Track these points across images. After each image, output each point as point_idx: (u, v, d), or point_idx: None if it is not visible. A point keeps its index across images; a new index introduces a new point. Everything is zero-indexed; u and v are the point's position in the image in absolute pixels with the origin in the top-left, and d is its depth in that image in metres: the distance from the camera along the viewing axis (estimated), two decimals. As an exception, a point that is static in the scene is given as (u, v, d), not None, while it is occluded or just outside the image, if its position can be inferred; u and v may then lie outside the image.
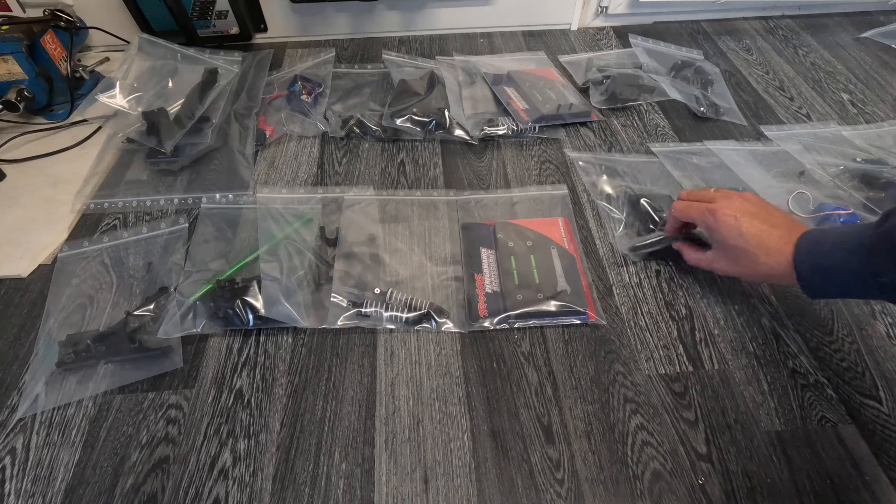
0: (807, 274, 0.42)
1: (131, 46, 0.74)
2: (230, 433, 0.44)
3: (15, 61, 0.67)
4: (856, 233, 0.40)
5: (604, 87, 0.77)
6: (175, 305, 0.50)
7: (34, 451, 0.43)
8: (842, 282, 0.41)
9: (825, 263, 0.41)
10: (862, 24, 0.96)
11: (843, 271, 0.40)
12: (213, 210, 0.61)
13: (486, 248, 0.56)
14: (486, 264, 0.55)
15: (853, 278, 0.40)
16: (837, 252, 0.41)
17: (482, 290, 0.52)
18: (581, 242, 0.58)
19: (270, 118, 0.73)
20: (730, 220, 0.46)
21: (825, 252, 0.42)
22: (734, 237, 0.46)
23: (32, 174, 0.67)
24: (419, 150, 0.70)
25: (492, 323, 0.50)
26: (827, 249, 0.42)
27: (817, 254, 0.42)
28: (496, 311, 0.51)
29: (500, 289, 0.53)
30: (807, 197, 0.61)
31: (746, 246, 0.45)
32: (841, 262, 0.40)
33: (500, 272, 0.54)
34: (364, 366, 0.48)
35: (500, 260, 0.55)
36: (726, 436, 0.44)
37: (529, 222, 0.59)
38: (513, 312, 0.51)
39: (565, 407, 0.46)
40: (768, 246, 0.45)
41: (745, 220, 0.46)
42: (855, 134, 0.72)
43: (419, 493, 0.41)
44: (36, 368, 0.48)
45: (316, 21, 0.89)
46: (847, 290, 0.41)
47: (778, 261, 0.44)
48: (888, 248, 0.37)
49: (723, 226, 0.47)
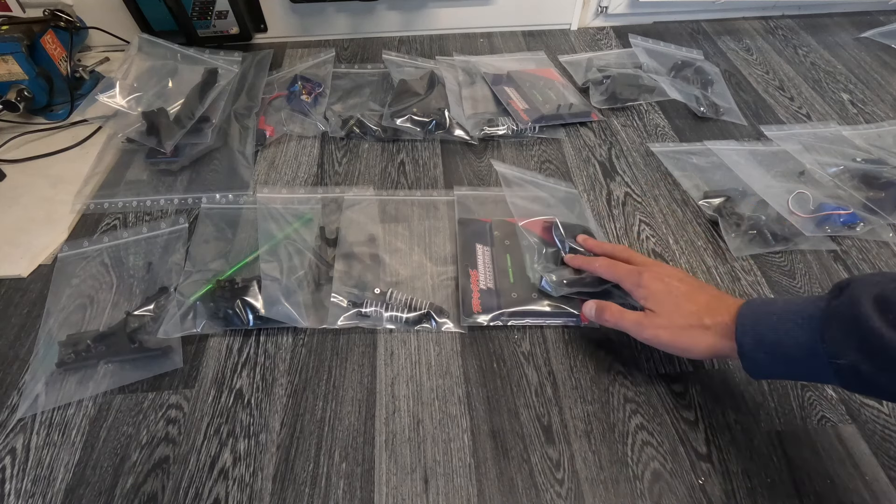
0: (749, 347, 0.37)
1: (131, 46, 0.74)
2: (230, 433, 0.44)
3: (15, 61, 0.67)
4: (806, 304, 0.35)
5: (604, 87, 0.77)
6: (175, 305, 0.50)
7: (34, 451, 0.43)
8: (789, 359, 0.35)
9: (770, 337, 0.35)
10: (862, 24, 0.96)
11: (791, 347, 0.34)
12: (213, 210, 0.61)
13: (482, 245, 0.56)
14: (482, 260, 0.55)
15: (803, 357, 0.34)
16: (785, 324, 0.35)
17: (476, 285, 0.52)
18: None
19: (270, 118, 0.73)
20: (659, 284, 0.43)
21: (771, 324, 0.36)
22: (668, 299, 0.42)
23: (32, 174, 0.67)
24: (419, 150, 0.70)
25: (485, 319, 0.50)
26: (773, 321, 0.36)
27: (762, 325, 0.36)
28: (490, 307, 0.51)
29: (495, 286, 0.53)
30: (806, 197, 0.61)
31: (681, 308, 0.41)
32: (788, 338, 0.34)
33: (496, 269, 0.54)
34: (364, 366, 0.48)
35: (496, 257, 0.55)
36: (726, 436, 0.44)
37: (527, 221, 0.59)
38: (507, 310, 0.51)
39: (565, 407, 0.46)
40: (708, 307, 0.40)
41: (675, 283, 0.43)
42: (855, 134, 0.72)
43: (419, 493, 0.41)
44: (36, 368, 0.47)
45: (316, 21, 0.89)
46: (795, 369, 0.36)
47: (718, 325, 0.39)
48: (845, 326, 0.32)
49: (653, 287, 0.43)
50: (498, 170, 0.65)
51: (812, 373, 0.35)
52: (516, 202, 0.60)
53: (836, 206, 0.60)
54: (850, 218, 0.59)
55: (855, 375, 0.32)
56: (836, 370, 0.33)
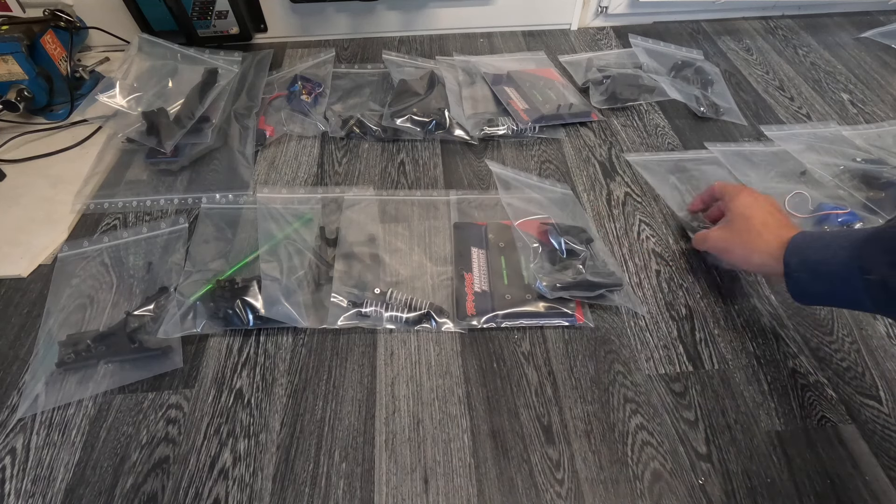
0: (795, 267, 0.41)
1: (131, 46, 0.74)
2: (230, 433, 0.44)
3: (15, 61, 0.67)
4: (855, 231, 0.39)
5: (604, 87, 0.77)
6: (175, 305, 0.50)
7: (34, 451, 0.43)
8: (829, 277, 0.38)
9: (814, 258, 0.40)
10: (862, 24, 0.96)
11: (833, 265, 0.38)
12: (213, 210, 0.61)
13: (477, 248, 0.56)
14: (476, 264, 0.55)
15: (841, 274, 0.37)
16: (830, 247, 0.39)
17: (471, 288, 0.53)
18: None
19: (270, 118, 0.73)
20: (748, 199, 0.50)
21: (818, 247, 0.40)
22: (746, 211, 0.48)
23: (32, 174, 0.67)
24: (419, 150, 0.70)
25: (479, 322, 0.50)
26: (820, 245, 0.40)
27: (809, 248, 0.40)
28: (484, 310, 0.51)
29: (489, 288, 0.53)
30: (805, 197, 0.61)
31: (751, 222, 0.47)
32: (830, 257, 0.38)
33: (490, 272, 0.54)
34: (364, 366, 0.48)
35: (491, 260, 0.55)
36: (726, 436, 0.44)
37: (522, 221, 0.59)
38: (500, 312, 0.51)
39: (565, 407, 0.46)
40: (769, 227, 0.45)
41: (760, 203, 0.49)
42: (855, 134, 0.72)
43: (419, 493, 0.41)
44: (36, 368, 0.47)
45: (316, 21, 0.89)
46: (834, 288, 0.39)
47: (772, 246, 0.44)
48: (883, 245, 0.35)
49: (741, 201, 0.50)
50: (493, 171, 0.65)
51: (848, 292, 0.38)
52: (511, 203, 0.60)
53: (834, 206, 0.60)
54: (850, 217, 0.58)
55: (883, 290, 0.34)
56: (866, 286, 0.35)
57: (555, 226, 0.55)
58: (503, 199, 0.61)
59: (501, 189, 0.62)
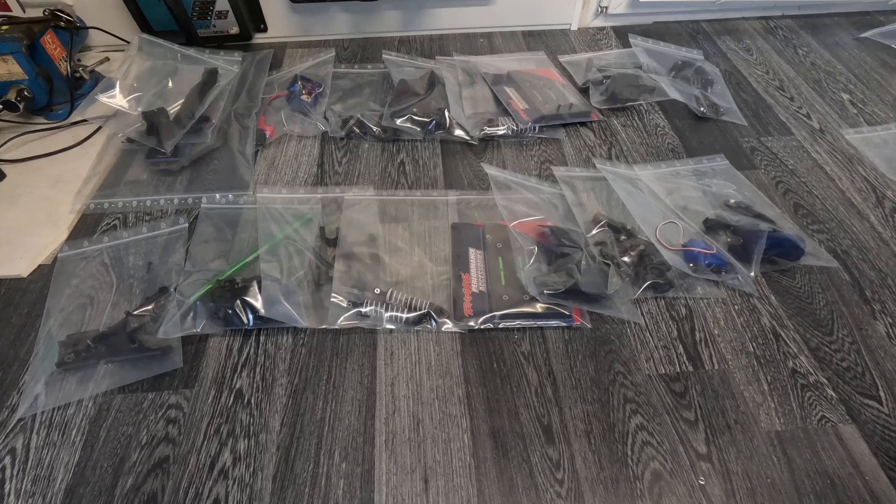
0: None
1: (131, 46, 0.74)
2: (230, 433, 0.44)
3: (15, 61, 0.67)
4: None
5: (604, 87, 0.77)
6: (175, 305, 0.50)
7: (34, 451, 0.43)
8: None
9: None
10: (862, 24, 0.96)
11: None
12: (213, 210, 0.61)
13: (475, 249, 0.56)
14: (474, 264, 0.55)
15: None
16: None
17: (468, 289, 0.53)
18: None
19: (270, 118, 0.73)
20: None
21: None
22: None
23: (32, 174, 0.67)
24: (419, 150, 0.70)
25: (477, 322, 0.50)
26: None
27: None
28: (481, 310, 0.51)
29: (487, 289, 0.53)
30: (677, 228, 0.57)
31: None
32: None
33: (488, 272, 0.54)
34: (364, 366, 0.48)
35: (488, 261, 0.55)
36: (726, 436, 0.44)
37: (517, 222, 0.59)
38: (497, 313, 0.51)
39: (565, 407, 0.46)
40: None
41: None
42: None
43: (419, 493, 0.41)
44: (36, 368, 0.47)
45: (316, 21, 0.89)
46: None
47: None
48: None
49: None
50: (489, 173, 0.65)
51: None
52: (506, 205, 0.60)
53: (704, 244, 0.55)
54: (715, 260, 0.54)
55: None
56: None
57: (553, 230, 0.55)
58: (498, 201, 0.61)
59: (496, 191, 0.62)
